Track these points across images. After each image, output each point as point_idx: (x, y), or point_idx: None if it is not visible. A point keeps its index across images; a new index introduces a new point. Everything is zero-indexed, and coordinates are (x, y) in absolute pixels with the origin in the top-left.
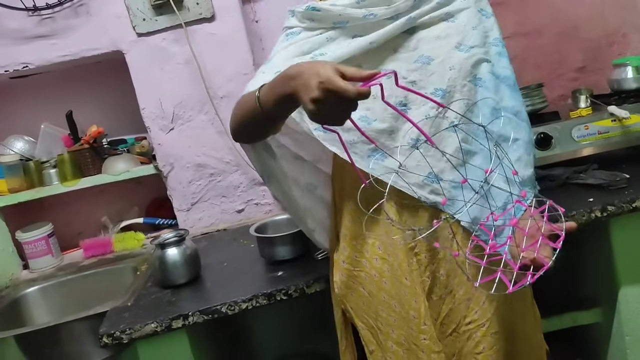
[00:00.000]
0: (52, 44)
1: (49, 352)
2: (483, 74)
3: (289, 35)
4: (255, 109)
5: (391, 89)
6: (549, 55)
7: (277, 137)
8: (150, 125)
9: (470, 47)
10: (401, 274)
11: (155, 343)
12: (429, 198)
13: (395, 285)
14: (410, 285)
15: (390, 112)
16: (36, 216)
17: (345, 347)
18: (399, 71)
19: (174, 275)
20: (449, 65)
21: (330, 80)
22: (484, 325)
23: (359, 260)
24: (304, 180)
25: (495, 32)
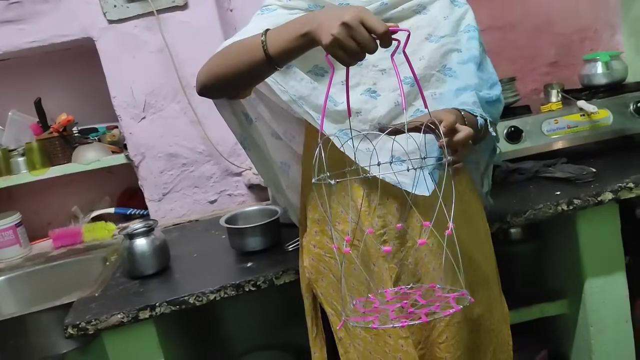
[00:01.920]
0: (20, 29)
1: (14, 344)
2: (452, 64)
3: (264, 11)
4: (256, 54)
5: (361, 76)
6: (523, 49)
7: (255, 107)
8: (122, 114)
9: (440, 37)
10: (369, 260)
11: (122, 334)
12: (393, 179)
13: (364, 271)
14: (378, 272)
15: (360, 95)
16: (4, 205)
17: (315, 334)
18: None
19: (142, 265)
20: (419, 56)
21: (361, 15)
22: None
23: (329, 246)
24: (278, 159)
25: (467, 19)
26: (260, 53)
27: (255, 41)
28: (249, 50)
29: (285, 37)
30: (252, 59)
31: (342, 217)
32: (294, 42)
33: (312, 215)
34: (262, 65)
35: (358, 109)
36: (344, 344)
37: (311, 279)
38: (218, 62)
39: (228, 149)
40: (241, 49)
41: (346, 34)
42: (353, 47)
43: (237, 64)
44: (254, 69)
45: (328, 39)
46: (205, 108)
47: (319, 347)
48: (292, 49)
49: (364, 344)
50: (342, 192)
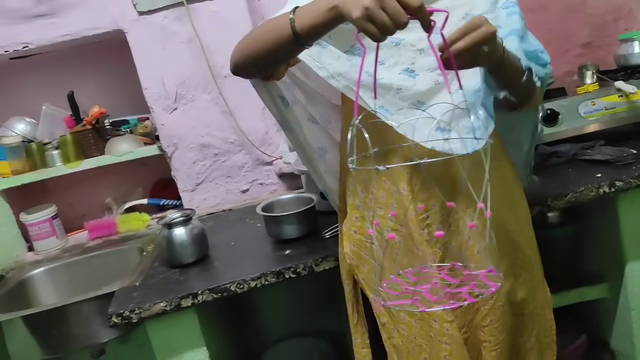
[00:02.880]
0: (52, 23)
1: (57, 333)
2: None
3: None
4: (284, 31)
5: (399, 56)
6: (555, 31)
7: (292, 91)
8: (153, 105)
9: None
10: (412, 245)
11: (165, 322)
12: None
13: (407, 256)
14: (422, 256)
15: (399, 75)
16: (40, 198)
17: (357, 320)
18: (407, 40)
19: (182, 254)
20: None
21: None
22: (492, 298)
23: (368, 231)
24: (315, 144)
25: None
26: (288, 30)
27: (284, 19)
28: (278, 28)
29: (313, 14)
30: (281, 36)
31: (383, 201)
32: (321, 18)
33: (351, 201)
34: (290, 42)
35: (399, 86)
36: (388, 329)
37: (352, 265)
38: (249, 40)
39: (259, 139)
40: (271, 27)
41: (377, 5)
42: (384, 18)
43: (267, 42)
44: (283, 47)
45: (358, 11)
46: (236, 98)
47: (360, 334)
48: (319, 25)
49: (409, 328)
50: (382, 176)
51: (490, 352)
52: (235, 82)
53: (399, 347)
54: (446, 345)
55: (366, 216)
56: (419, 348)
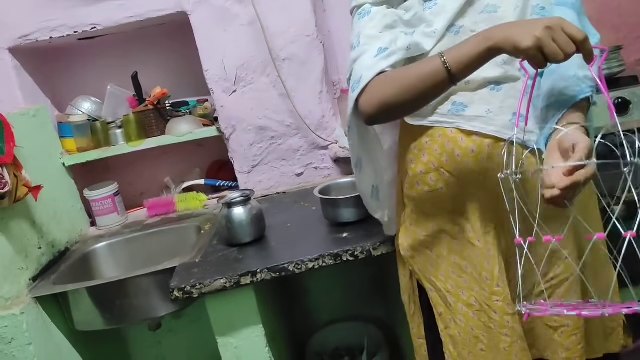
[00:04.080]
0: (119, 4)
1: (119, 305)
2: (547, 4)
3: (361, 14)
4: (438, 74)
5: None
6: (627, 16)
7: None
8: (214, 87)
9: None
10: (474, 237)
11: (224, 298)
12: (519, 138)
13: (466, 247)
14: (483, 247)
15: None
16: (102, 175)
17: (414, 311)
18: (465, 26)
19: (240, 233)
20: (513, 6)
21: (561, 21)
22: (567, 280)
23: (426, 224)
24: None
25: None
26: (442, 75)
27: (434, 64)
28: (431, 75)
29: (468, 55)
30: (435, 81)
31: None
32: (479, 57)
33: (410, 193)
34: (444, 84)
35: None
36: (445, 319)
37: (407, 257)
38: (389, 91)
39: (315, 123)
40: (421, 75)
41: (549, 35)
42: (554, 48)
43: (419, 89)
44: (437, 89)
45: (531, 41)
46: (294, 82)
47: (416, 324)
48: (475, 64)
49: (466, 319)
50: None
51: (569, 336)
52: (293, 66)
53: (455, 337)
54: (506, 337)
55: (422, 209)
56: (476, 339)
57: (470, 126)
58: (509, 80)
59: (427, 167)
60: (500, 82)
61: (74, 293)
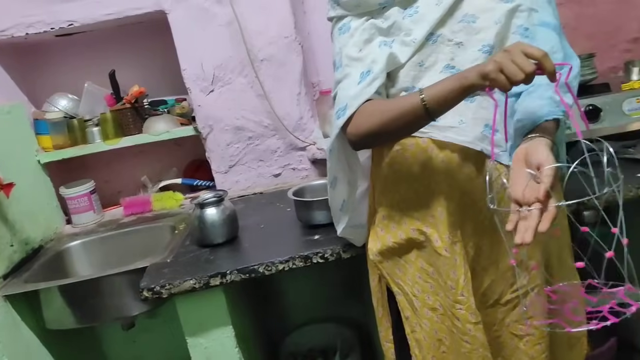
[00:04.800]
0: (97, 2)
1: (90, 303)
2: (530, 24)
3: (342, 30)
4: (417, 111)
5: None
6: (602, 24)
7: None
8: (191, 86)
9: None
10: (441, 246)
11: (193, 299)
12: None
13: (433, 255)
14: (450, 256)
15: (440, 74)
16: (79, 173)
17: (382, 314)
18: (443, 34)
19: (213, 234)
20: (494, 20)
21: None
22: (533, 290)
23: (395, 231)
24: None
25: None
26: (420, 112)
27: (413, 101)
28: (409, 110)
29: (445, 93)
30: (414, 117)
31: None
32: (454, 96)
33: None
34: (423, 120)
35: None
36: (411, 323)
37: (376, 261)
38: (374, 122)
39: (293, 124)
40: (396, 107)
41: (507, 57)
42: (512, 68)
43: (399, 123)
44: (415, 124)
45: (491, 65)
46: (272, 82)
47: (384, 327)
48: (451, 103)
49: (430, 323)
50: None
51: (534, 345)
52: (271, 67)
53: (420, 341)
54: (467, 343)
55: (392, 215)
56: (439, 342)
57: (443, 136)
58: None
59: (399, 175)
60: (474, 94)
61: (45, 291)
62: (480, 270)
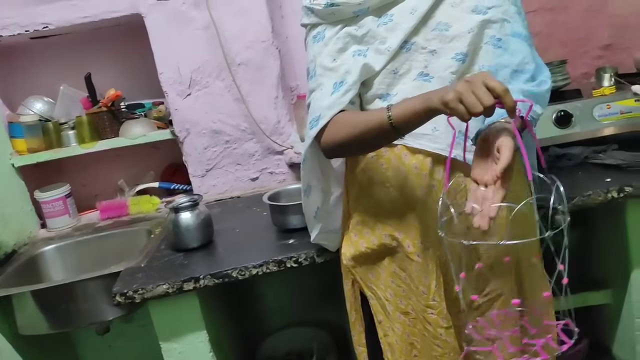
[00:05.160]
0: (73, 4)
1: (64, 308)
2: (503, 35)
3: (316, 38)
4: (383, 126)
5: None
6: (574, 31)
7: None
8: (168, 90)
9: (487, 9)
10: (413, 251)
11: (167, 304)
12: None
13: (405, 261)
14: (422, 262)
15: (413, 82)
16: (54, 177)
17: (355, 319)
18: (417, 42)
19: (187, 238)
20: (467, 29)
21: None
22: (503, 294)
23: (368, 237)
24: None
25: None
26: (387, 128)
27: (381, 117)
28: (376, 126)
29: (410, 113)
30: (381, 132)
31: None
32: (418, 117)
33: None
34: (390, 135)
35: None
36: (383, 327)
37: (349, 265)
38: (345, 134)
39: (271, 128)
40: (365, 121)
41: (468, 88)
42: (471, 99)
43: (365, 135)
44: (383, 139)
45: (452, 94)
46: (249, 86)
47: (357, 332)
48: (416, 122)
49: (402, 327)
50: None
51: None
52: (248, 71)
53: (393, 345)
54: (438, 347)
55: (366, 221)
56: (411, 346)
57: (417, 144)
58: None
59: (372, 180)
60: None
61: (17, 296)
62: (452, 276)
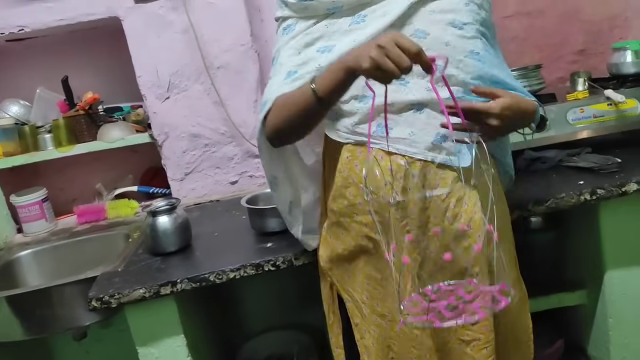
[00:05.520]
0: (49, 7)
1: (40, 314)
2: (479, 49)
3: (286, 30)
4: (310, 101)
5: None
6: (550, 36)
7: None
8: (146, 93)
9: (463, 24)
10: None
11: (144, 308)
12: (440, 158)
13: (380, 261)
14: (397, 262)
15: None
16: (31, 181)
17: (332, 321)
18: None
19: (165, 243)
20: (444, 41)
21: (395, 37)
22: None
23: (343, 238)
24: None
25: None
26: (313, 99)
27: (307, 91)
28: (303, 100)
29: (331, 79)
30: (308, 107)
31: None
32: (339, 80)
33: (331, 206)
34: (318, 108)
35: (390, 101)
36: (360, 330)
37: (326, 268)
38: (280, 116)
39: (250, 131)
40: (296, 100)
41: (382, 54)
42: (389, 65)
43: (297, 115)
44: (312, 113)
45: (367, 62)
46: (228, 90)
47: (335, 334)
48: (338, 87)
49: (379, 330)
50: (359, 183)
51: (480, 350)
52: (228, 74)
53: (369, 347)
54: (414, 349)
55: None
56: (388, 349)
57: (394, 148)
58: (431, 102)
59: (347, 181)
60: (422, 105)
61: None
62: (426, 277)
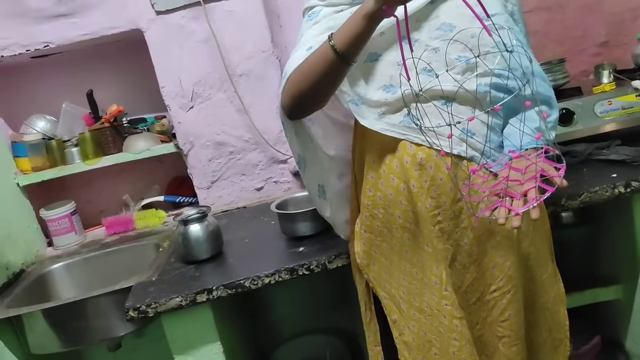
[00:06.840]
0: (72, 22)
1: (75, 326)
2: (507, 40)
3: (311, 16)
4: (329, 59)
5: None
6: (571, 29)
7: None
8: (170, 103)
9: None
10: (422, 241)
11: (180, 317)
12: (467, 153)
13: (417, 253)
14: (432, 252)
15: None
16: (59, 194)
17: (369, 319)
18: (421, 40)
19: (197, 250)
20: (470, 34)
21: None
22: (509, 292)
23: (380, 229)
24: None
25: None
26: (332, 56)
27: (324, 48)
28: (321, 59)
29: (350, 31)
30: (327, 64)
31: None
32: (359, 30)
33: (363, 200)
34: (338, 65)
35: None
36: (399, 326)
37: (362, 264)
38: (296, 81)
39: (274, 137)
40: (314, 60)
41: None
42: None
43: (316, 75)
44: (332, 73)
45: None
46: (251, 97)
47: (372, 332)
48: (359, 37)
49: (419, 325)
50: (390, 174)
51: (511, 347)
52: (250, 81)
53: (409, 343)
54: (455, 341)
55: (375, 214)
56: (429, 344)
57: (420, 140)
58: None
59: (380, 174)
60: (451, 99)
61: (28, 316)
62: (461, 269)
